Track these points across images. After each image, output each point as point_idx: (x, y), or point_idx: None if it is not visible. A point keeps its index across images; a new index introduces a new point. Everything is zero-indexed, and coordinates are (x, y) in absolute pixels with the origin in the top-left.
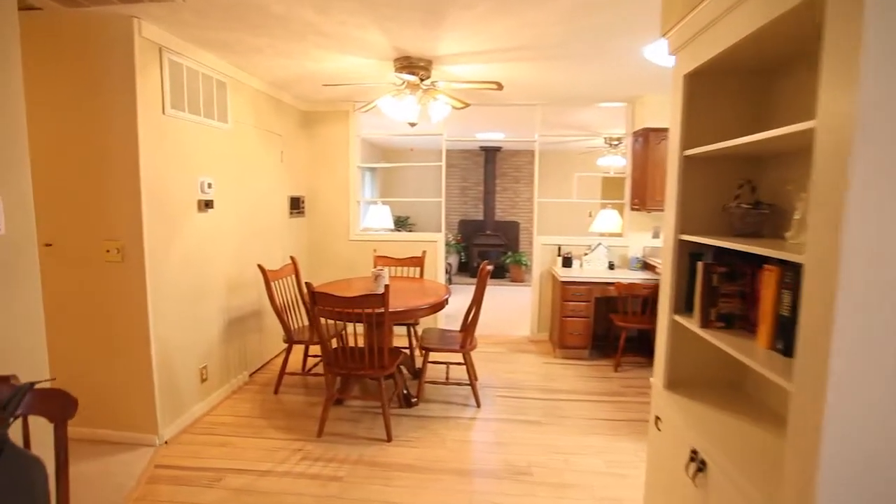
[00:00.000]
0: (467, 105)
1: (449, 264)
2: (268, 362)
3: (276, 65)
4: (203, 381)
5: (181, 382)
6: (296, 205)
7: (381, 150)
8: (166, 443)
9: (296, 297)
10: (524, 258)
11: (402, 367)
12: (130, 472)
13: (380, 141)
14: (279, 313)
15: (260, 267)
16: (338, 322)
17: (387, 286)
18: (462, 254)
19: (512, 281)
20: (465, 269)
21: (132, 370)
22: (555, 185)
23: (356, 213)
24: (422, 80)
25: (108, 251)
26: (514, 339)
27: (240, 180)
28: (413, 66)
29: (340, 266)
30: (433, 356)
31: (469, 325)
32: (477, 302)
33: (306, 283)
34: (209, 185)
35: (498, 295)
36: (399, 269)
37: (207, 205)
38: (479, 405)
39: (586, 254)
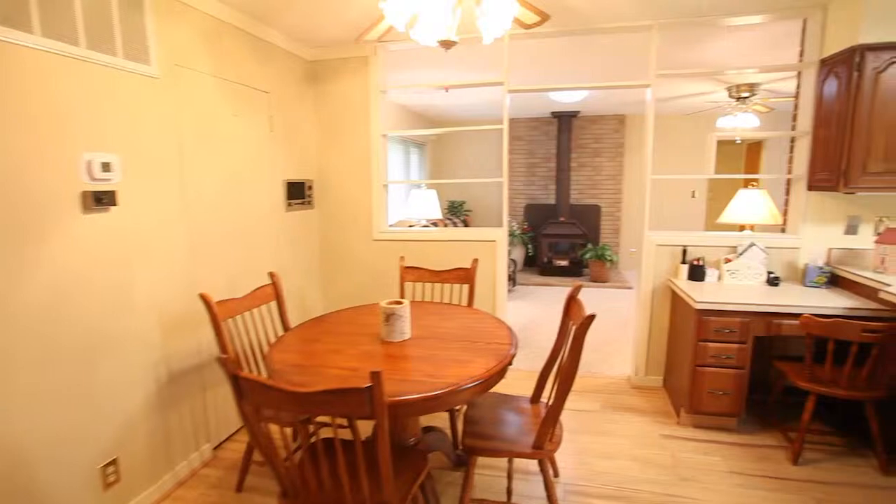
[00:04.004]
0: (545, 18)
1: (513, 260)
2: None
3: None
4: (109, 484)
5: (56, 499)
6: (297, 193)
7: (428, 120)
8: None
9: (272, 336)
10: (608, 252)
11: (434, 451)
12: None
13: (426, 108)
14: (229, 370)
15: (203, 297)
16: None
17: (377, 374)
18: (529, 246)
19: (592, 280)
20: (532, 263)
21: None
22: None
23: (382, 202)
24: None
25: None
26: (606, 382)
27: (185, 159)
28: None
29: (365, 277)
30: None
31: (551, 411)
32: (566, 376)
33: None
34: (106, 167)
35: None
36: (437, 288)
37: (100, 200)
38: None
39: (728, 260)
